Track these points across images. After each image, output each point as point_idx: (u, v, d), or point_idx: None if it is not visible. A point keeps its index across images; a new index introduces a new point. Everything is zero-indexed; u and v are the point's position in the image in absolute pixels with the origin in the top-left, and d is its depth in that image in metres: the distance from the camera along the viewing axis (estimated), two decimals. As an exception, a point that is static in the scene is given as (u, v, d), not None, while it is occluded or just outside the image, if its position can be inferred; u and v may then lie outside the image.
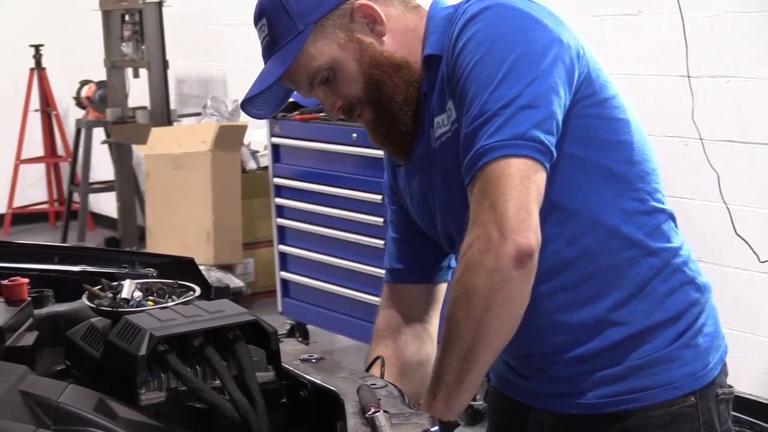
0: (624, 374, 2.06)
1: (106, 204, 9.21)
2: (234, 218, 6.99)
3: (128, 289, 2.12)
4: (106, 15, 7.93)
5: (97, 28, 8.14)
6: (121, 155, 8.08)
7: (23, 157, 9.56)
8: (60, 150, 9.66)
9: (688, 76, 4.75)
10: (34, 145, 9.67)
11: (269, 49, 2.05)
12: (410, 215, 2.25)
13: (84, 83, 8.72)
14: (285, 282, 6.25)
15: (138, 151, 7.66)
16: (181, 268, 2.47)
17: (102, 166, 8.84)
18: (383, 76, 2.04)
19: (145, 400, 1.86)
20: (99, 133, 8.56)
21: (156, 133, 7.33)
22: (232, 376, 1.85)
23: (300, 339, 5.86)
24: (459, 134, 1.95)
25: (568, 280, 2.04)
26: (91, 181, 8.82)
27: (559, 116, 1.91)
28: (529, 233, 1.82)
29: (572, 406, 2.10)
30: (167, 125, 7.56)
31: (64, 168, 9.59)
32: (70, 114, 9.32)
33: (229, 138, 6.99)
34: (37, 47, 9.37)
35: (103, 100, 8.40)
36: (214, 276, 6.92)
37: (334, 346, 5.70)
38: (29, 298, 2.14)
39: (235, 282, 6.63)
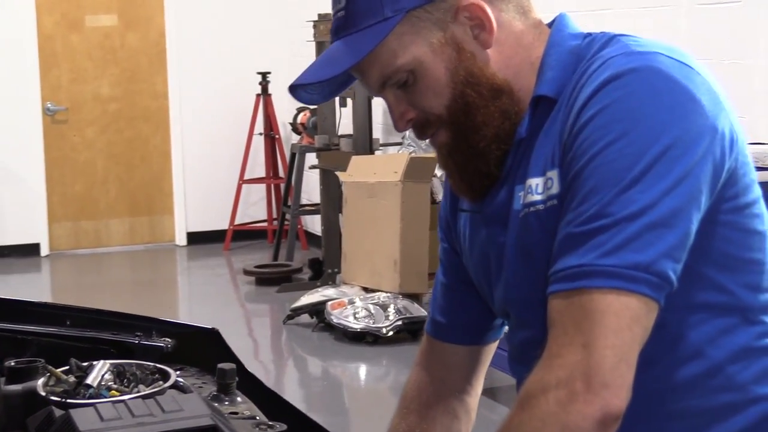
0: None
1: (318, 225, 9.02)
2: (421, 248, 6.71)
3: (96, 373, 1.74)
4: (319, 46, 7.71)
5: (313, 58, 7.91)
6: (327, 180, 7.86)
7: (246, 177, 9.49)
8: (281, 172, 9.54)
9: None
10: (258, 167, 9.62)
11: (342, 28, 1.55)
12: (463, 261, 1.75)
13: (300, 110, 8.68)
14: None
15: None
16: (204, 339, 2.07)
17: (314, 189, 8.65)
18: (477, 98, 1.53)
19: None
20: (311, 158, 8.40)
21: (355, 161, 7.14)
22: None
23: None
24: (554, 213, 1.47)
25: (655, 414, 1.54)
26: (302, 202, 8.69)
27: (693, 234, 1.42)
28: (623, 392, 1.37)
29: None
30: (369, 154, 7.27)
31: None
32: (292, 138, 9.16)
33: (419, 169, 6.72)
34: (264, 74, 9.31)
35: (315, 127, 8.27)
36: (400, 304, 6.60)
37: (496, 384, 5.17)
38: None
39: (419, 311, 6.37)
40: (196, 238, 9.66)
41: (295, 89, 1.57)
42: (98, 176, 9.50)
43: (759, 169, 4.33)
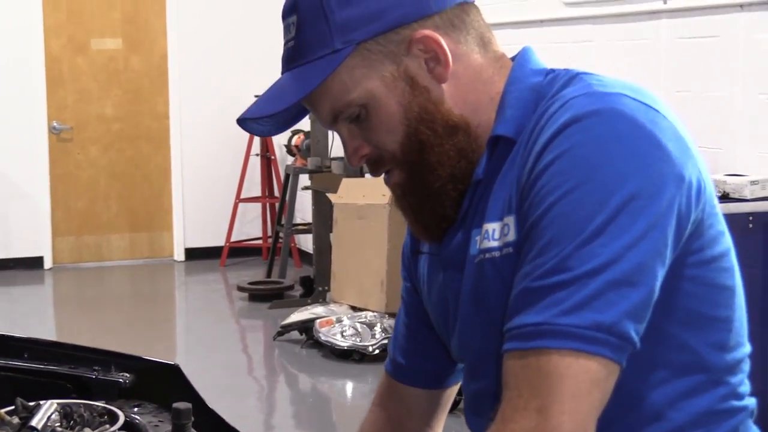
0: None
1: (311, 244, 8.89)
2: (407, 270, 6.47)
3: (42, 414, 1.58)
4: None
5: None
6: (319, 201, 7.71)
7: (243, 196, 9.32)
8: (276, 192, 9.40)
9: None
10: (254, 186, 9.45)
11: (291, 59, 1.39)
12: (423, 302, 1.59)
13: (295, 132, 8.51)
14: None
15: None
16: (164, 375, 1.91)
17: (307, 209, 8.52)
18: (432, 136, 1.36)
19: None
20: (305, 179, 8.27)
21: (345, 183, 7.01)
22: None
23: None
24: (510, 261, 1.30)
25: None
26: (296, 221, 8.56)
27: (657, 290, 1.26)
28: None
29: None
30: (359, 176, 7.12)
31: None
32: (287, 160, 9.02)
33: (407, 193, 6.47)
34: (261, 97, 9.08)
35: (308, 149, 8.15)
36: (386, 323, 6.44)
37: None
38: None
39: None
40: (193, 254, 9.50)
41: (244, 122, 1.41)
42: (101, 193, 9.35)
43: (736, 200, 4.25)
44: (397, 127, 1.37)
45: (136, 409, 1.83)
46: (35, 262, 9.14)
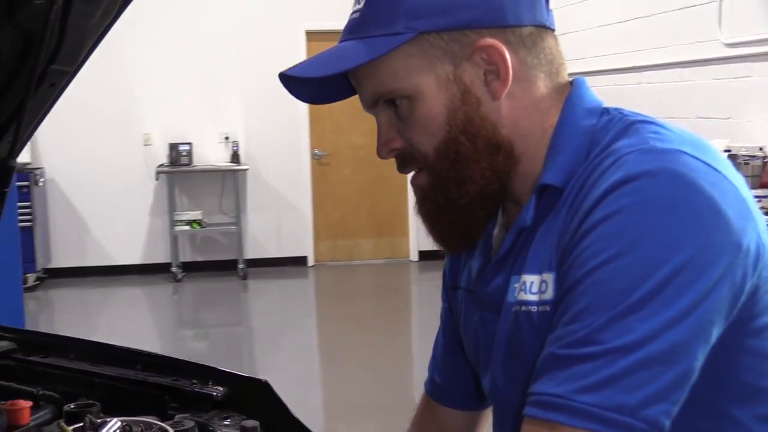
0: None
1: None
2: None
3: (106, 430, 1.37)
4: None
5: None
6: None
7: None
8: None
9: None
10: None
11: (352, 30, 1.10)
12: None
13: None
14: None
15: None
16: (256, 390, 1.66)
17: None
18: (470, 150, 1.06)
19: None
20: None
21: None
22: None
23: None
24: (545, 319, 1.01)
25: None
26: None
27: (696, 371, 0.93)
28: None
29: None
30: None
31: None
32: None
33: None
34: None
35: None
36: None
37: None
38: (30, 423, 1.44)
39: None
40: (426, 255, 9.25)
41: (286, 78, 1.13)
42: (351, 206, 9.32)
43: None
44: (437, 130, 1.07)
45: (226, 422, 1.59)
46: (301, 261, 9.22)
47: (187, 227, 8.66)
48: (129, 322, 7.24)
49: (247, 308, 8.03)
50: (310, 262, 9.26)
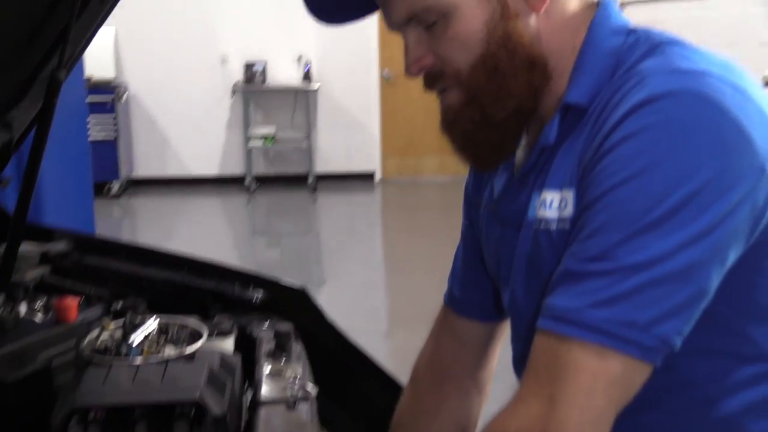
0: None
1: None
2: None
3: (142, 330, 1.37)
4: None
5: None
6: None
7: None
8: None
9: None
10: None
11: None
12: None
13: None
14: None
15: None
16: (294, 296, 1.66)
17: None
18: (508, 64, 1.00)
19: None
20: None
21: None
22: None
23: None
24: (564, 237, 0.97)
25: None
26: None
27: (711, 292, 0.89)
28: None
29: None
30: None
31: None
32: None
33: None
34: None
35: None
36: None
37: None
38: (78, 320, 1.46)
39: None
40: (488, 174, 9.19)
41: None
42: (418, 125, 9.21)
43: None
44: (475, 46, 1.00)
45: (266, 324, 1.59)
46: (368, 176, 9.22)
47: (260, 142, 8.73)
48: (204, 230, 7.37)
49: (316, 220, 8.08)
50: (377, 177, 9.25)
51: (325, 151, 9.02)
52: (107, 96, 8.09)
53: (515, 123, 1.03)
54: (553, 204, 0.99)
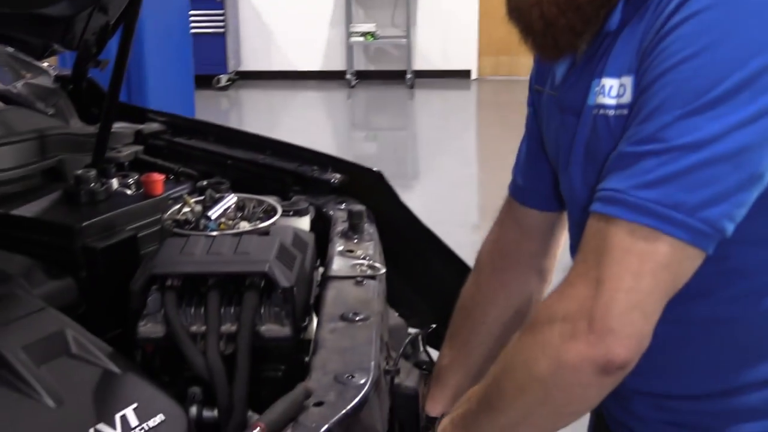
0: None
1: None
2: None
3: (220, 206, 1.38)
4: None
5: None
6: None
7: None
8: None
9: None
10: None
11: None
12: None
13: None
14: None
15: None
16: (370, 178, 1.63)
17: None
18: None
19: (143, 332, 1.16)
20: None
21: None
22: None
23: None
24: (621, 123, 0.91)
25: (703, 343, 0.98)
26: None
27: (765, 178, 0.84)
28: (631, 342, 0.83)
29: None
30: None
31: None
32: None
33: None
34: None
35: None
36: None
37: None
38: (163, 194, 1.47)
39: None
40: (584, 73, 8.88)
41: None
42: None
43: None
44: None
45: (342, 205, 1.58)
46: (465, 74, 9.05)
47: (361, 38, 8.64)
48: (306, 122, 7.40)
49: (413, 115, 8.01)
50: (474, 75, 9.06)
51: (423, 49, 8.87)
52: (217, -9, 8.09)
53: (599, 6, 0.96)
54: (612, 90, 0.94)
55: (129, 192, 1.50)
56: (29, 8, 1.52)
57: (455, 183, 5.42)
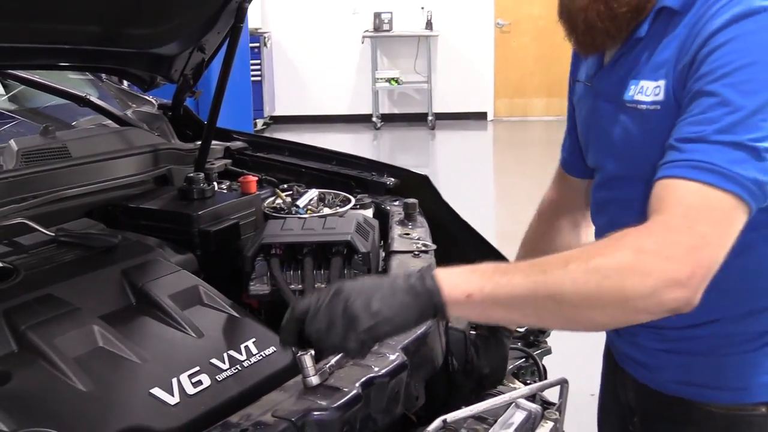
0: (700, 365, 1.22)
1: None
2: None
3: (306, 197, 1.68)
4: None
5: None
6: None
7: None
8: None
9: None
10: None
11: None
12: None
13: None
14: None
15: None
16: (418, 181, 1.92)
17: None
18: None
19: (253, 290, 1.45)
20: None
21: None
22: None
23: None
24: (653, 116, 1.12)
25: (750, 290, 1.18)
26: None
27: None
28: (698, 292, 0.97)
29: (649, 380, 1.29)
30: None
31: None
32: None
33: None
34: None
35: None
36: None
37: None
38: (257, 193, 1.77)
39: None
40: (592, 114, 9.13)
41: None
42: (528, 69, 9.27)
43: None
44: None
45: (396, 202, 1.87)
46: (482, 116, 9.34)
47: (386, 84, 8.97)
48: (337, 160, 7.68)
49: (435, 154, 8.30)
50: (490, 116, 9.36)
51: (443, 93, 9.19)
52: (254, 43, 8.46)
53: (632, 18, 1.16)
54: (647, 90, 1.13)
55: (226, 191, 1.80)
56: (149, 48, 1.83)
57: (473, 214, 5.65)
